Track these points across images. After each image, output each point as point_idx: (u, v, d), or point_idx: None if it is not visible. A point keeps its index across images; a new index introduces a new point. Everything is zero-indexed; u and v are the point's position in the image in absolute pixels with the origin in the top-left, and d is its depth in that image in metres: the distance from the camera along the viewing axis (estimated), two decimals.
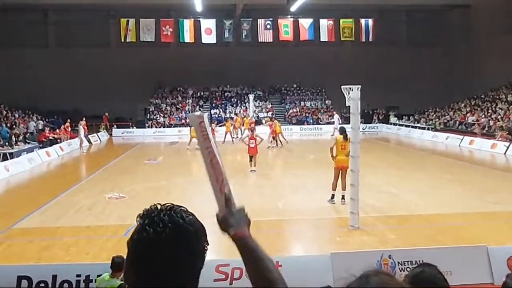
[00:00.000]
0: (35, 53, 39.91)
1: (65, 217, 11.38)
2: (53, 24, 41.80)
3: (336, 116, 32.96)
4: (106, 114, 37.79)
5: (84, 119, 28.29)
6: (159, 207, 1.49)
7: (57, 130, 29.16)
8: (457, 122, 32.90)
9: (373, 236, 9.54)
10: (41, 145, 24.83)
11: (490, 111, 31.55)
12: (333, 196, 12.21)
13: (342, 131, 12.37)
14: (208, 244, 1.52)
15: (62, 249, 8.87)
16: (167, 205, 1.51)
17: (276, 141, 26.41)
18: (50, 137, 27.21)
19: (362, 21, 35.68)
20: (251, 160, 17.60)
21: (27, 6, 36.25)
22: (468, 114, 33.04)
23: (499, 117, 29.46)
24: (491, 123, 29.27)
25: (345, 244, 9.05)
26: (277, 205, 12.43)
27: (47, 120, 33.66)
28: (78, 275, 6.77)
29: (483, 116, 31.05)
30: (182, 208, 1.52)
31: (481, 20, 38.41)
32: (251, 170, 17.46)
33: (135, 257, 1.46)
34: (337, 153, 12.17)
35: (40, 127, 29.82)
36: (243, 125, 29.97)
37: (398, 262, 7.24)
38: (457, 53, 41.86)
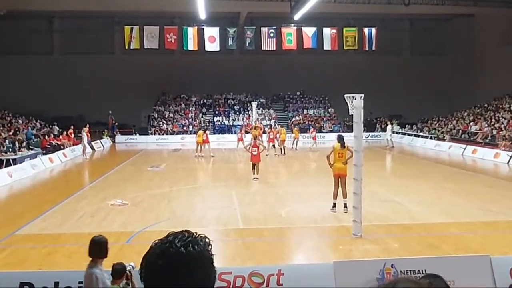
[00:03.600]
0: (40, 60, 40.15)
1: (68, 223, 11.39)
2: (58, 31, 42.11)
3: (389, 127, 32.35)
4: (111, 114, 37.57)
5: (87, 125, 28.35)
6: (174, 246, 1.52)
7: (60, 137, 29.22)
8: (460, 131, 32.83)
9: (376, 244, 9.52)
10: (44, 152, 24.86)
11: (493, 120, 31.49)
12: (334, 204, 12.20)
13: (340, 139, 12.40)
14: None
15: (64, 255, 8.86)
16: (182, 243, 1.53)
17: (281, 149, 26.45)
18: (53, 143, 27.24)
19: (365, 30, 35.74)
20: (253, 168, 17.60)
21: (33, 13, 36.46)
22: (471, 123, 32.98)
23: (502, 126, 29.38)
24: (494, 132, 29.20)
25: (347, 253, 9.02)
26: (280, 213, 12.41)
27: (50, 126, 33.73)
28: (81, 282, 6.73)
29: (486, 125, 30.98)
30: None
31: (484, 29, 38.45)
32: (254, 178, 17.46)
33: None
34: (334, 160, 12.24)
35: (55, 132, 30.29)
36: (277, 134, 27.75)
37: (401, 271, 7.20)
38: (460, 62, 41.90)
